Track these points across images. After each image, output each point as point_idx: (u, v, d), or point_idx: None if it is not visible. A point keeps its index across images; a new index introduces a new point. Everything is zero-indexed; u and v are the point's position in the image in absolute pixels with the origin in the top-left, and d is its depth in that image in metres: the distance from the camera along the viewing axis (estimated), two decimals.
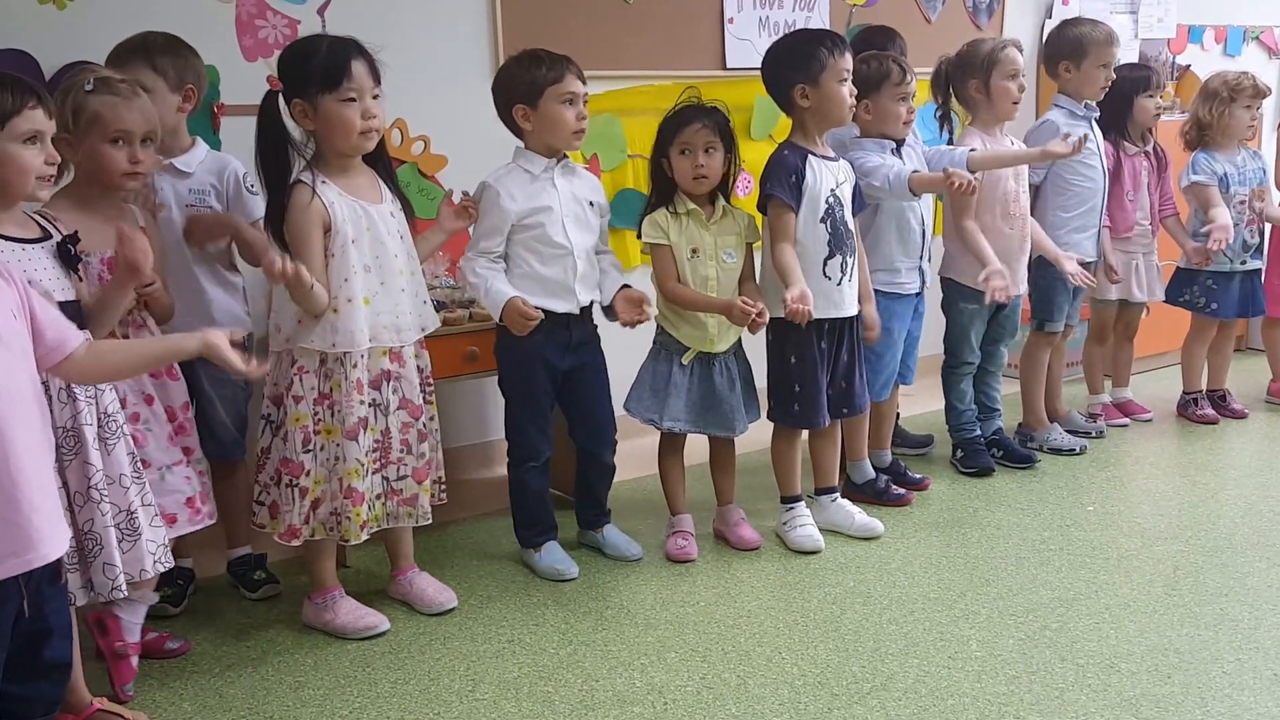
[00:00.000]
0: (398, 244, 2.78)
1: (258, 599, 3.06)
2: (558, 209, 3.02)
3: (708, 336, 3.16)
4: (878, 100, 3.44)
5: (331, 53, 2.64)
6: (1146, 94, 4.22)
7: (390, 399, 2.78)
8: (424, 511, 2.87)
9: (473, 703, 2.50)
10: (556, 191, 3.04)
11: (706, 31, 4.33)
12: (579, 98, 3.03)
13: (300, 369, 2.69)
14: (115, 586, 2.31)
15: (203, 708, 2.51)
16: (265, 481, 2.77)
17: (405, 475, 2.83)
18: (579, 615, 2.92)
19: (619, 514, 3.42)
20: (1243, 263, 4.41)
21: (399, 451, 2.81)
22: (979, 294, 3.67)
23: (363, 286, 2.69)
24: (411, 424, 2.82)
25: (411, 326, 2.81)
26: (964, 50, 3.82)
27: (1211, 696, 2.46)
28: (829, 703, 2.46)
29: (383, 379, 2.76)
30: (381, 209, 2.76)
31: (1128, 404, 4.59)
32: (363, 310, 2.69)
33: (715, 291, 3.13)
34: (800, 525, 3.32)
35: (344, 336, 2.67)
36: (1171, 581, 3.05)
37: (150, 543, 2.39)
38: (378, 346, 2.73)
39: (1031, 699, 2.46)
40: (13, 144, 2.09)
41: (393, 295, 2.75)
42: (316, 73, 2.63)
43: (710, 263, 3.13)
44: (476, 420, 4.04)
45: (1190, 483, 3.86)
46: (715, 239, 3.14)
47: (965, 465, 3.95)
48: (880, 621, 2.84)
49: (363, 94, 2.65)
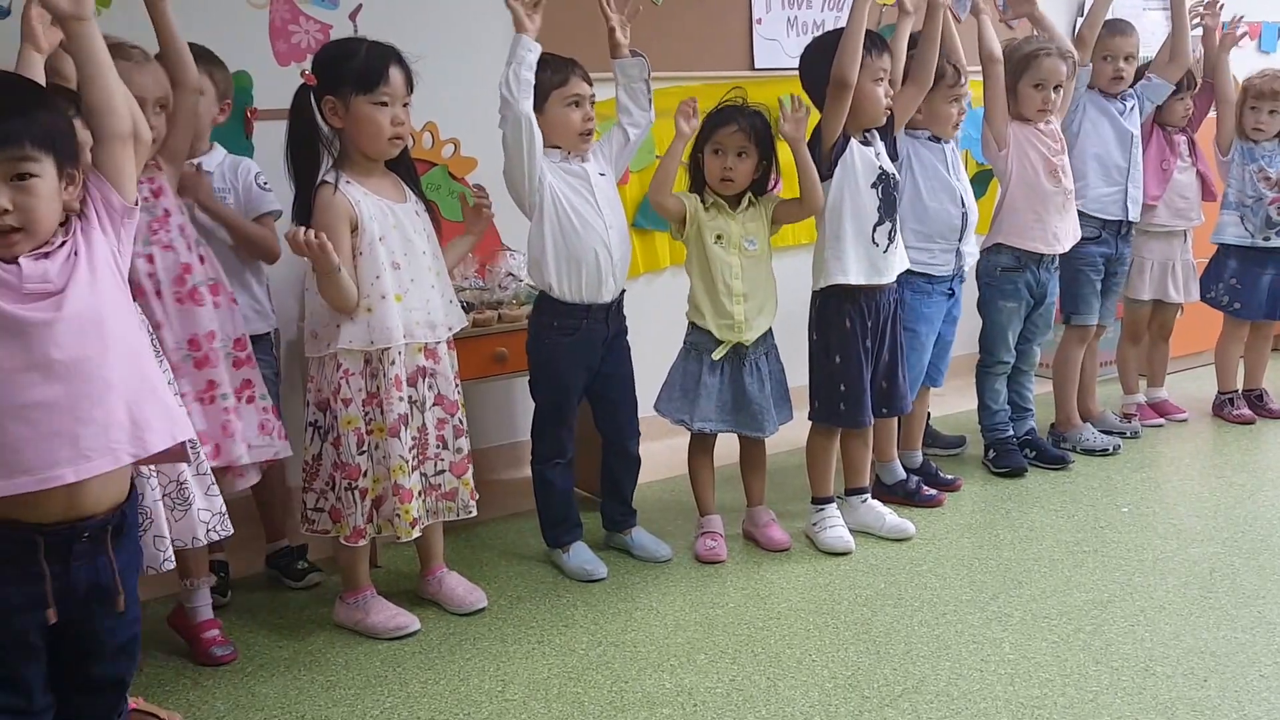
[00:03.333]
0: (425, 242, 2.80)
1: (302, 588, 3.11)
2: (590, 185, 3.05)
3: (736, 324, 3.15)
4: (931, 100, 3.43)
5: (372, 56, 2.68)
6: (1176, 96, 4.20)
7: (426, 395, 2.80)
8: (464, 505, 2.89)
9: (503, 703, 2.51)
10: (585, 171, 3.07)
11: (735, 32, 4.32)
12: (585, 99, 3.04)
13: (346, 372, 2.71)
14: (166, 559, 2.33)
15: (235, 706, 2.52)
16: (320, 488, 2.79)
17: (443, 470, 2.85)
18: (608, 616, 2.93)
19: (647, 515, 3.42)
20: (1266, 239, 4.34)
21: (435, 448, 2.83)
22: (1019, 290, 3.77)
23: (394, 283, 2.71)
24: (447, 420, 2.84)
25: (443, 323, 2.83)
26: (1006, 46, 3.80)
27: (1249, 700, 2.43)
28: (859, 705, 2.45)
29: (419, 375, 2.78)
30: (406, 207, 2.79)
31: (1163, 404, 4.55)
32: (395, 307, 2.71)
33: (739, 279, 3.13)
34: (831, 526, 3.31)
35: (380, 333, 2.69)
36: (1208, 584, 3.01)
37: (203, 511, 2.40)
38: (413, 343, 2.76)
39: (1065, 702, 2.43)
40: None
41: (423, 291, 2.77)
42: (354, 73, 2.66)
43: (733, 251, 3.14)
44: (505, 421, 4.05)
45: (1226, 483, 3.82)
46: (742, 226, 3.15)
47: (997, 465, 3.92)
48: (912, 624, 2.83)
49: (395, 100, 2.68)
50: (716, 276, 3.13)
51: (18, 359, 1.80)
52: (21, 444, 1.80)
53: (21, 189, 1.82)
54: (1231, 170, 4.38)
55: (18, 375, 1.80)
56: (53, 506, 1.87)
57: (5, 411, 1.79)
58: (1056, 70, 3.69)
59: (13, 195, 1.81)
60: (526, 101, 2.88)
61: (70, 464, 1.84)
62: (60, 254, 1.87)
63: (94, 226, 1.94)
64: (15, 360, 1.80)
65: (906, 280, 3.39)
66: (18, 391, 1.80)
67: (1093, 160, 3.98)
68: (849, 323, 3.21)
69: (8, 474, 1.80)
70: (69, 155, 1.89)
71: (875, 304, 3.24)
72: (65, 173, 1.88)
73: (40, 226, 1.84)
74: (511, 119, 2.89)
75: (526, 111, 2.88)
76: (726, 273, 3.14)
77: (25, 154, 1.82)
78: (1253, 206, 4.32)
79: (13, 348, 1.80)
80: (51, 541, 1.87)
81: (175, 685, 2.60)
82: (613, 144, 3.18)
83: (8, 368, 1.80)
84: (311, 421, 2.78)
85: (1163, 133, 4.24)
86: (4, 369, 1.79)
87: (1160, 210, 4.26)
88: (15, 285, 1.81)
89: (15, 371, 1.80)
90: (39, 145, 1.83)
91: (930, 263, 3.53)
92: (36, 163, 1.83)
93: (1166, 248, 4.32)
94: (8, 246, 1.81)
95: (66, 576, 1.90)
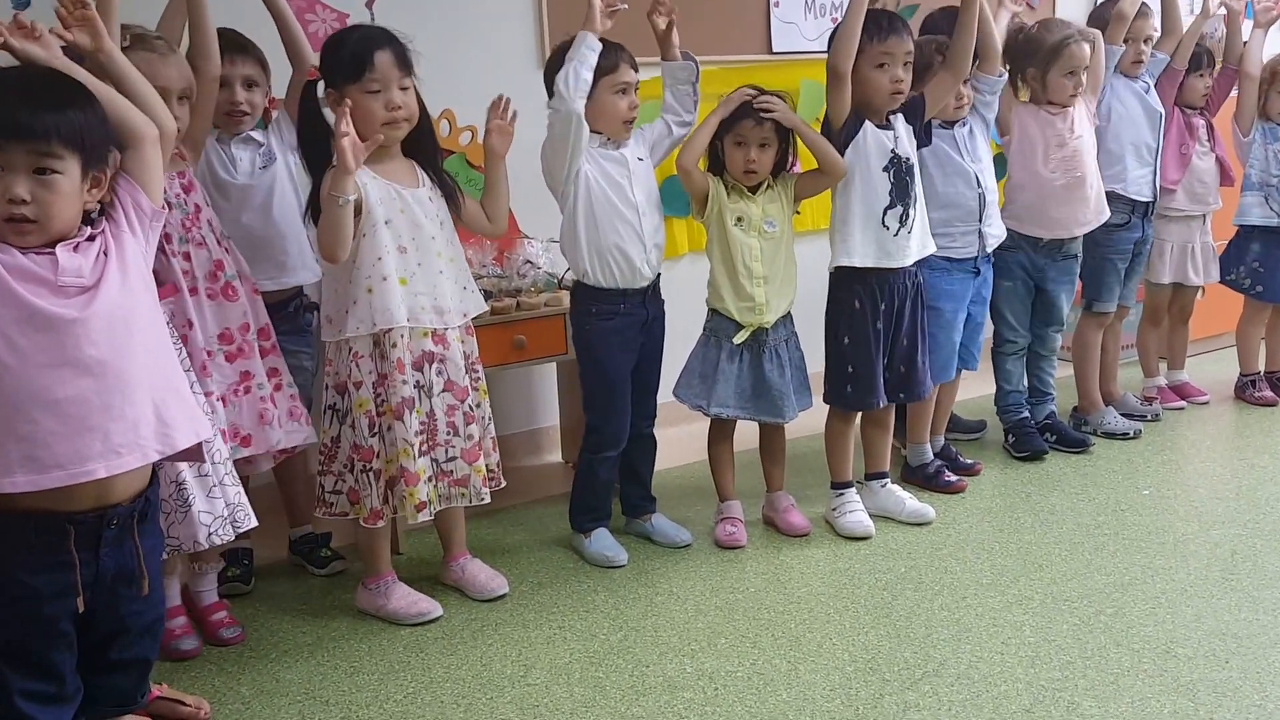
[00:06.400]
0: (436, 228, 2.79)
1: (326, 574, 3.13)
2: (628, 170, 3.05)
3: (756, 306, 3.14)
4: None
5: (357, 43, 2.69)
6: (1196, 74, 4.17)
7: (434, 380, 2.78)
8: (477, 492, 2.86)
9: (525, 688, 2.53)
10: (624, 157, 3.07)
11: (752, 15, 4.31)
12: (631, 86, 3.04)
13: (356, 354, 2.73)
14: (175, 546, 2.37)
15: (260, 692, 2.55)
16: (339, 470, 2.80)
17: (454, 457, 2.83)
18: (629, 601, 2.94)
19: (667, 500, 3.43)
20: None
21: (445, 434, 2.81)
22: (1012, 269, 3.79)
23: (397, 266, 2.71)
24: (457, 406, 2.82)
25: (454, 310, 2.81)
26: (1033, 31, 3.76)
27: (1270, 682, 2.42)
28: (880, 689, 2.45)
29: (425, 360, 2.76)
30: (419, 193, 2.78)
31: (1184, 386, 4.53)
32: (399, 290, 2.70)
33: (759, 261, 3.12)
34: (850, 511, 3.31)
35: (381, 315, 2.69)
36: (1229, 566, 3.01)
37: (205, 514, 2.42)
38: (418, 327, 2.75)
39: (1086, 684, 2.43)
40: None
41: (431, 277, 2.76)
42: (342, 63, 2.67)
43: (753, 233, 3.14)
44: (525, 408, 4.06)
45: (1248, 466, 3.80)
46: (761, 209, 3.15)
47: (1017, 450, 3.91)
48: (932, 607, 2.83)
49: (387, 85, 2.67)
50: (737, 259, 3.13)
51: (52, 354, 1.82)
52: (54, 439, 1.82)
53: (42, 183, 1.83)
54: (1253, 151, 4.34)
55: (51, 370, 1.82)
56: (84, 497, 1.89)
57: (38, 406, 1.82)
58: (1084, 55, 3.67)
59: (32, 187, 1.82)
60: (580, 101, 2.88)
61: (102, 459, 1.86)
62: (90, 249, 1.90)
63: (123, 229, 1.96)
64: (50, 355, 1.82)
65: (927, 260, 3.37)
66: (52, 386, 1.82)
67: (1129, 144, 3.96)
68: (859, 304, 3.21)
69: (41, 469, 1.82)
70: (97, 158, 1.91)
71: (889, 287, 3.23)
72: (90, 175, 1.90)
73: (54, 223, 1.86)
74: (563, 115, 2.89)
75: (578, 111, 2.88)
76: (746, 255, 3.13)
77: (51, 150, 1.83)
78: (1277, 185, 4.29)
79: (45, 342, 1.82)
80: (81, 530, 1.90)
81: (200, 671, 2.63)
82: (654, 131, 3.18)
83: (42, 362, 1.82)
84: (330, 405, 2.80)
85: (1182, 116, 4.20)
86: (38, 363, 1.81)
87: (1179, 195, 4.23)
88: (49, 279, 1.83)
89: (49, 366, 1.82)
90: (66, 143, 1.85)
91: (951, 246, 3.51)
92: (61, 160, 1.85)
93: (1186, 230, 4.29)
94: (19, 236, 1.84)
95: (95, 564, 1.93)
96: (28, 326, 1.81)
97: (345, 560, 3.16)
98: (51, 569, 1.89)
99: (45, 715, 1.95)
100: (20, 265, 1.82)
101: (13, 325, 1.80)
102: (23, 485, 1.81)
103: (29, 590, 1.89)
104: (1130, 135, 3.96)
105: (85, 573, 1.92)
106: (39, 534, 1.87)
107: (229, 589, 2.99)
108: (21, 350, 1.80)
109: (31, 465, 1.82)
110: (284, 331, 2.95)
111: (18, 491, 1.82)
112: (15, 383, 1.81)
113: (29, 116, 1.83)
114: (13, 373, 1.80)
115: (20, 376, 1.81)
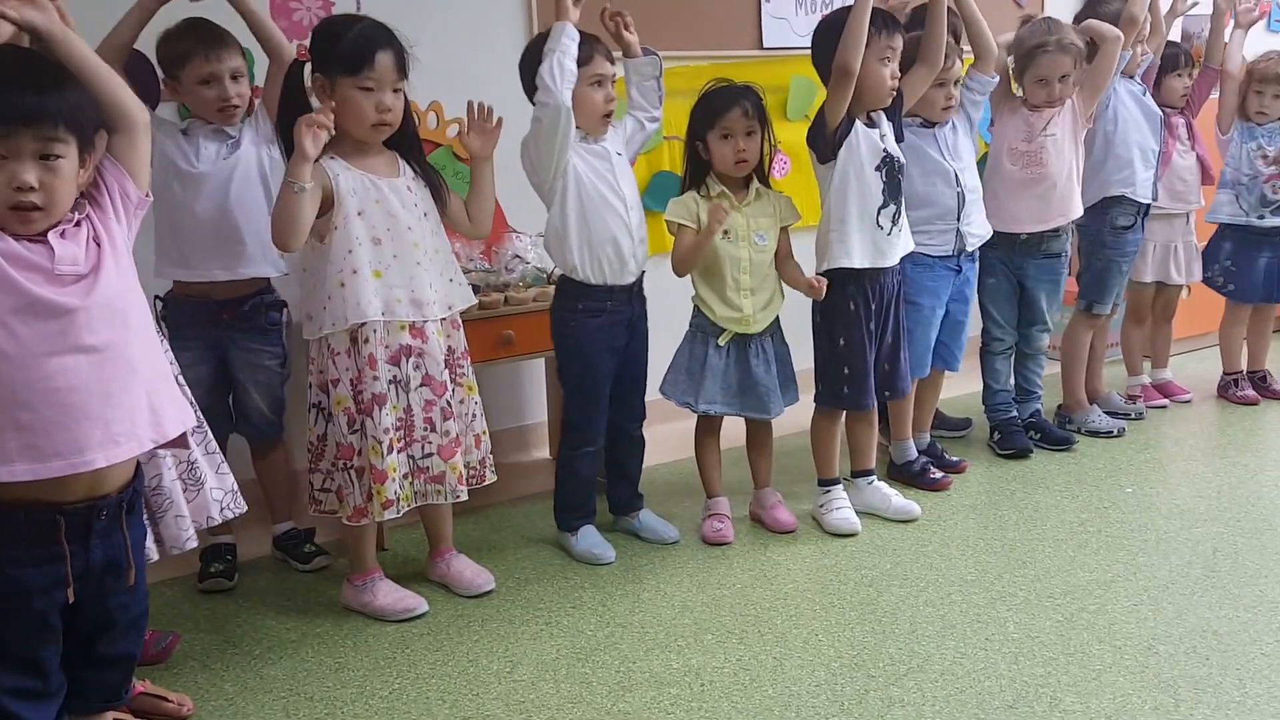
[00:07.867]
0: (416, 220, 2.74)
1: (309, 570, 3.12)
2: (611, 163, 3.05)
3: (743, 318, 3.15)
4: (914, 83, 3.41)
5: (360, 38, 2.63)
6: (1174, 73, 4.19)
7: (411, 375, 2.74)
8: (452, 489, 2.82)
9: (511, 684, 2.53)
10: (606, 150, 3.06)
11: (743, 11, 4.31)
12: (608, 79, 3.01)
13: (334, 351, 2.70)
14: (188, 538, 2.33)
15: (244, 689, 2.54)
16: (326, 469, 2.79)
17: (431, 453, 2.79)
18: (616, 597, 2.94)
19: (654, 497, 3.43)
20: (1260, 217, 4.32)
21: (422, 430, 2.77)
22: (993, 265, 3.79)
23: (371, 258, 2.67)
24: (435, 401, 2.77)
25: (435, 302, 2.77)
26: (1020, 31, 3.76)
27: (1250, 678, 2.44)
28: (865, 684, 2.46)
29: (402, 354, 2.72)
30: (396, 183, 2.73)
31: (1167, 385, 4.55)
32: (372, 282, 2.67)
33: (748, 274, 3.12)
34: (837, 508, 3.32)
35: (354, 310, 2.65)
36: (1210, 563, 3.02)
37: (216, 490, 2.39)
38: (394, 321, 2.71)
39: (1069, 680, 2.45)
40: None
41: (408, 268, 2.71)
42: (341, 54, 2.63)
43: (742, 244, 3.13)
44: (512, 404, 4.06)
45: (1230, 464, 3.83)
46: (748, 220, 3.14)
47: (1002, 447, 3.93)
48: (917, 603, 2.84)
49: (382, 85, 2.63)
50: (725, 271, 3.12)
51: (53, 342, 1.81)
52: (53, 428, 1.81)
53: (49, 169, 1.82)
54: (1230, 148, 4.37)
55: (51, 359, 1.81)
56: (77, 488, 1.88)
57: (38, 394, 1.80)
58: (1057, 64, 3.62)
59: (40, 174, 1.81)
60: (567, 92, 2.84)
61: (101, 448, 1.85)
62: (79, 235, 1.88)
63: (109, 215, 1.94)
64: (50, 344, 1.81)
65: (907, 256, 3.37)
66: (52, 375, 1.81)
67: (1135, 147, 3.96)
68: (853, 305, 3.21)
69: (40, 457, 1.81)
70: (88, 140, 1.89)
71: (879, 286, 3.23)
72: (83, 156, 1.88)
73: (59, 208, 1.85)
74: (551, 109, 2.84)
75: (566, 103, 2.84)
76: (734, 267, 3.12)
77: (57, 134, 1.82)
78: (1248, 184, 4.31)
79: (46, 331, 1.81)
80: (72, 521, 1.89)
81: (183, 668, 2.62)
82: (626, 128, 3.17)
83: (41, 351, 1.80)
84: (315, 403, 2.78)
85: (1162, 114, 4.22)
86: (37, 352, 1.80)
87: (1160, 193, 4.24)
88: (46, 268, 1.82)
89: (49, 355, 1.81)
90: (69, 126, 1.83)
91: (928, 244, 3.50)
92: (64, 144, 1.83)
93: (1168, 229, 4.31)
94: (26, 224, 1.82)
95: (85, 555, 1.92)
96: (28, 315, 1.79)
97: (329, 556, 3.16)
98: (41, 561, 1.88)
99: (30, 712, 1.94)
100: (16, 253, 1.80)
101: (12, 314, 1.78)
102: (23, 475, 1.80)
103: (18, 585, 1.88)
104: (1136, 138, 3.96)
105: (75, 564, 1.91)
106: (30, 526, 1.86)
107: (212, 585, 2.98)
108: (21, 339, 1.78)
109: (32, 455, 1.80)
110: (241, 330, 2.93)
111: (16, 481, 1.81)
112: (15, 372, 1.79)
113: (35, 100, 1.79)
114: (12, 362, 1.79)
115: (20, 366, 1.79)
